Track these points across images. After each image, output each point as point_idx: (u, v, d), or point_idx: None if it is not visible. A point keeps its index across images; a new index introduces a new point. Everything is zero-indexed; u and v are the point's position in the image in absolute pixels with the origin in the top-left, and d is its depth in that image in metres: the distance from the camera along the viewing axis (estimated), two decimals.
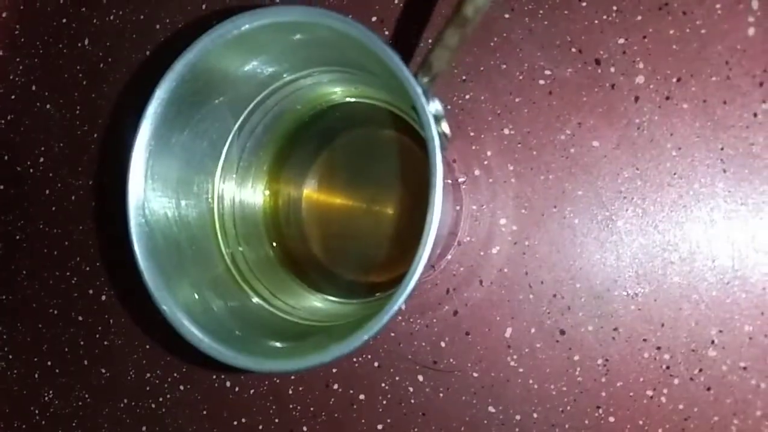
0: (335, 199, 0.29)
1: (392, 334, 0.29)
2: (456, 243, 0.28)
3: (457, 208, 0.27)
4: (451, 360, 0.28)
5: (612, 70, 0.26)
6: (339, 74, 0.24)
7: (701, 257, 0.25)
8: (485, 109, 0.28)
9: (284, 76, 0.24)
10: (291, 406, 0.30)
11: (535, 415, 0.27)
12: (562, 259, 0.27)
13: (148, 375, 0.34)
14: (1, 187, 0.37)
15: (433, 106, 0.17)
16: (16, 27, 0.37)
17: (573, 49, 0.27)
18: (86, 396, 0.35)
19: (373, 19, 0.29)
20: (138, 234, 0.21)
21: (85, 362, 0.35)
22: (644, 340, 0.26)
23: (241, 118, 0.25)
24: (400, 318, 0.29)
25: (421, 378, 0.28)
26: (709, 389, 0.25)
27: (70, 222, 0.36)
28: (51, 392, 0.36)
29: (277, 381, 0.31)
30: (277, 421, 0.31)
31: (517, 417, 0.27)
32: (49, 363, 0.36)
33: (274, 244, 0.28)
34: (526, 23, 0.27)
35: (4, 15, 0.37)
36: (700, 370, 0.25)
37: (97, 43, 0.35)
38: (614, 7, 0.26)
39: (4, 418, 0.37)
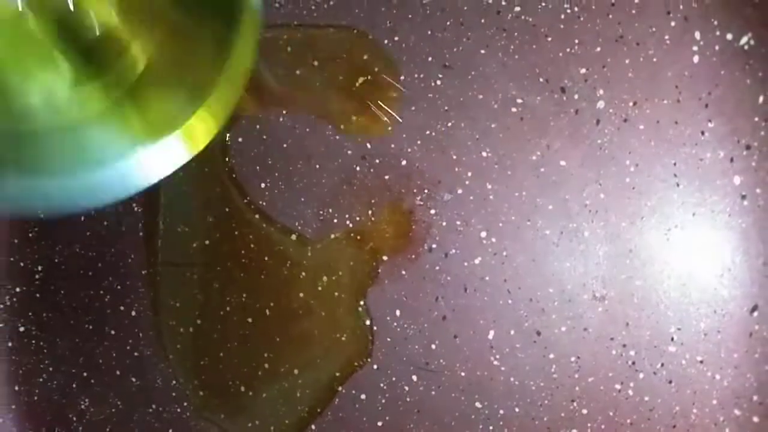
0: None
1: (388, 339, 0.32)
2: (444, 255, 0.31)
3: None
4: (441, 361, 0.31)
5: (576, 96, 0.29)
6: None
7: (659, 262, 0.28)
8: (465, 135, 0.31)
9: None
10: (299, 407, 0.34)
11: (516, 410, 0.30)
12: (536, 267, 0.30)
13: (173, 382, 0.37)
14: (42, 216, 0.41)
15: None
16: None
17: (541, 80, 0.30)
18: (119, 403, 0.39)
19: None
20: None
21: (118, 372, 0.39)
22: (611, 338, 0.28)
23: None
24: (395, 324, 0.32)
25: (415, 378, 0.31)
26: (670, 382, 0.28)
27: (103, 245, 0.40)
28: (87, 400, 0.40)
29: (286, 385, 0.34)
30: (287, 422, 0.34)
31: (501, 411, 0.30)
32: (85, 374, 0.40)
33: None
34: (500, 57, 0.31)
35: None
36: (662, 365, 0.28)
37: None
38: (576, 41, 0.29)
39: (45, 424, 0.41)
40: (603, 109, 0.29)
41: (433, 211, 0.31)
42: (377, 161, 0.33)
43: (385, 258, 0.32)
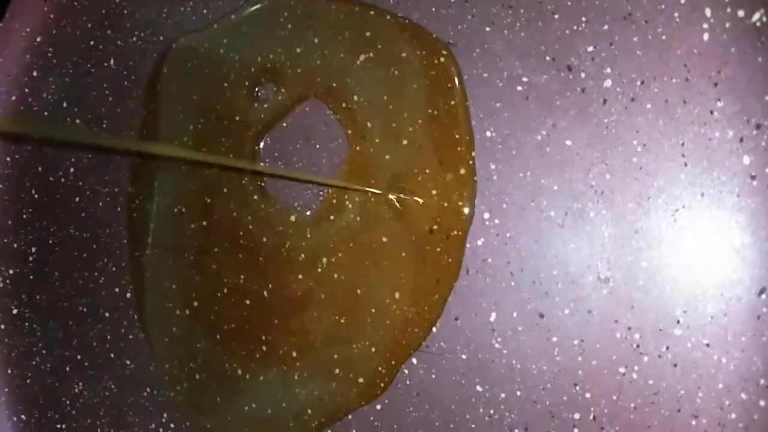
0: None
1: (388, 322, 0.31)
2: (445, 237, 0.31)
3: None
4: (442, 344, 0.30)
5: (582, 75, 0.29)
6: None
7: (666, 243, 0.27)
8: (469, 114, 0.30)
9: None
10: (296, 390, 0.33)
11: (518, 393, 0.29)
12: (540, 249, 0.29)
13: (167, 365, 0.37)
14: (36, 195, 0.41)
15: None
16: (49, 50, 0.40)
17: (547, 58, 0.29)
18: (113, 386, 0.38)
19: None
20: None
21: (112, 355, 0.38)
22: (616, 321, 0.28)
23: None
24: (395, 307, 0.31)
25: (414, 361, 0.31)
26: (675, 365, 0.27)
27: (98, 226, 0.39)
28: (80, 384, 0.39)
29: (284, 368, 0.33)
30: (284, 405, 0.33)
31: (502, 395, 0.29)
32: (78, 357, 0.40)
33: None
34: (505, 35, 0.30)
35: (38, 39, 0.40)
36: (667, 348, 0.27)
37: (121, 62, 0.39)
38: (583, 18, 0.29)
39: (38, 407, 0.40)
40: (610, 87, 0.28)
41: (434, 192, 0.31)
42: (377, 140, 0.32)
43: (384, 239, 0.32)
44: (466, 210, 0.30)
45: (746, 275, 0.26)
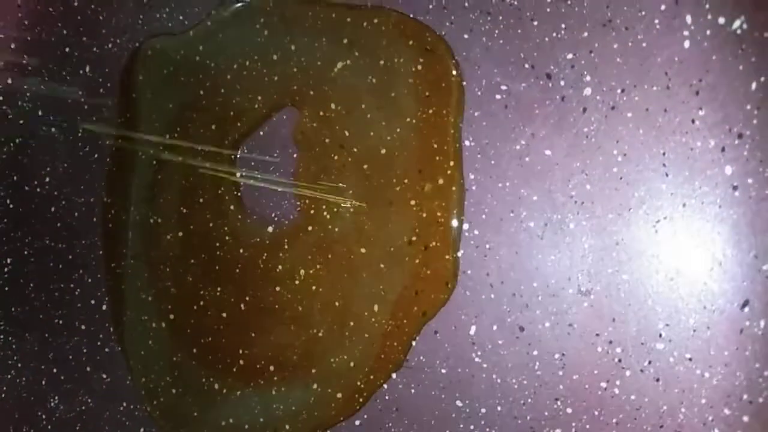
0: None
1: (366, 335, 0.31)
2: (424, 248, 0.30)
3: None
4: (422, 357, 0.30)
5: (562, 83, 0.28)
6: None
7: (647, 255, 0.27)
8: (447, 122, 0.30)
9: None
10: (274, 405, 0.32)
11: (498, 408, 0.29)
12: (519, 261, 0.28)
13: (144, 379, 0.36)
14: (11, 205, 0.40)
15: None
16: (24, 56, 0.40)
17: (526, 65, 0.29)
18: (89, 400, 0.38)
19: None
20: None
21: (88, 369, 0.38)
22: (597, 335, 0.27)
23: None
24: (374, 320, 0.31)
25: (394, 375, 0.30)
26: (658, 380, 0.26)
27: (74, 237, 0.38)
28: (56, 398, 0.39)
29: (262, 382, 0.33)
30: (261, 420, 0.33)
31: (483, 410, 0.29)
32: (54, 370, 0.39)
33: None
34: (484, 42, 0.29)
35: (13, 46, 0.40)
36: (650, 362, 0.27)
37: (97, 69, 0.38)
38: (562, 25, 0.28)
39: (13, 422, 0.39)
40: (590, 96, 0.28)
41: (413, 202, 0.30)
42: (355, 150, 0.31)
43: (363, 251, 0.31)
44: (444, 220, 0.30)
45: (729, 287, 0.26)
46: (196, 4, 0.34)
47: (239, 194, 0.34)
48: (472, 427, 0.29)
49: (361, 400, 0.31)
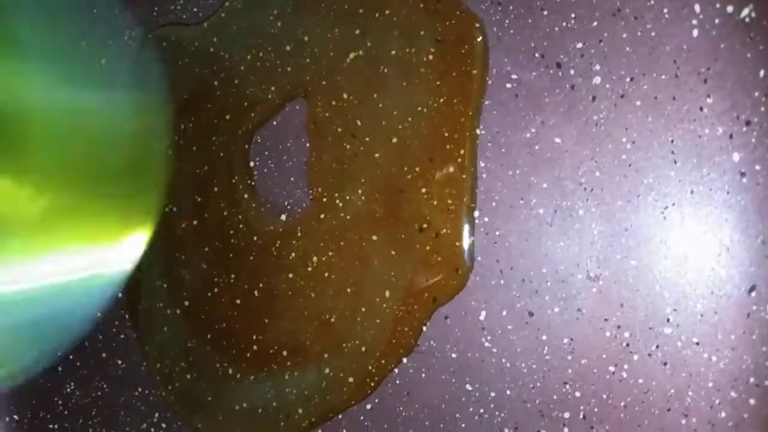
0: None
1: (378, 321, 0.31)
2: (435, 235, 0.30)
3: None
4: (432, 342, 0.30)
5: (571, 72, 0.29)
6: None
7: (655, 241, 0.27)
8: (458, 111, 0.30)
9: None
10: (287, 390, 0.33)
11: (508, 392, 0.29)
12: (529, 247, 0.29)
13: (159, 365, 0.37)
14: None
15: None
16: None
17: (536, 55, 0.29)
18: (104, 386, 0.38)
19: None
20: None
21: (104, 355, 0.38)
22: (605, 319, 0.28)
23: None
24: (385, 306, 0.31)
25: (405, 360, 0.31)
26: (665, 364, 0.27)
27: None
28: (72, 384, 0.39)
29: (275, 367, 0.33)
30: (274, 404, 0.33)
31: (492, 394, 0.29)
32: (70, 357, 0.39)
33: None
34: (494, 32, 0.30)
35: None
36: (657, 347, 0.27)
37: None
38: (572, 15, 0.29)
39: (30, 408, 0.40)
40: (599, 84, 0.28)
41: (424, 190, 0.31)
42: (367, 139, 0.32)
43: (374, 238, 0.32)
44: (455, 208, 0.30)
45: (736, 273, 0.26)
46: None
47: (253, 183, 0.34)
48: (481, 410, 0.29)
49: (372, 384, 0.31)
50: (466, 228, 0.30)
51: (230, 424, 0.34)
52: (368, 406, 0.31)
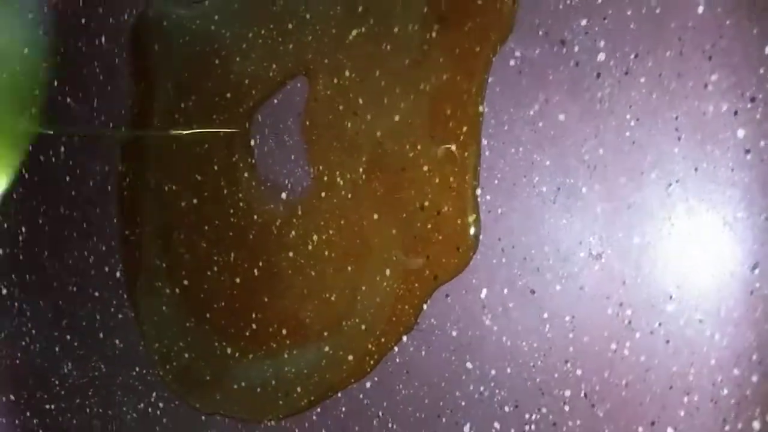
0: None
1: (378, 300, 0.31)
2: (436, 213, 0.30)
3: None
4: (432, 320, 0.30)
5: (576, 49, 0.28)
6: None
7: (659, 218, 0.27)
8: (460, 88, 0.30)
9: None
10: (286, 368, 0.33)
11: (508, 370, 0.29)
12: (531, 225, 0.29)
13: (157, 345, 0.36)
14: (26, 174, 0.40)
15: None
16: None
17: (540, 32, 0.29)
18: (102, 366, 0.38)
19: None
20: None
21: (101, 335, 0.38)
22: (607, 297, 0.28)
23: None
24: (385, 284, 0.31)
25: (404, 338, 0.31)
26: (668, 342, 0.27)
27: (88, 205, 0.39)
28: (70, 364, 0.39)
29: (274, 346, 0.33)
30: (273, 383, 0.33)
31: (492, 372, 0.29)
32: (68, 337, 0.39)
33: None
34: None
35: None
36: (660, 324, 0.27)
37: (112, 40, 0.38)
38: None
39: (27, 388, 0.40)
40: (603, 61, 0.28)
41: (426, 168, 0.30)
42: (368, 117, 0.32)
43: (375, 217, 0.31)
44: (457, 186, 0.30)
45: (739, 250, 0.26)
46: None
47: (253, 161, 0.34)
48: (482, 388, 0.29)
49: (372, 362, 0.31)
50: (468, 206, 0.30)
51: (229, 403, 0.34)
52: (368, 385, 0.31)
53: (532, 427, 0.29)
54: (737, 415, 0.26)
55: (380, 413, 0.31)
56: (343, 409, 0.32)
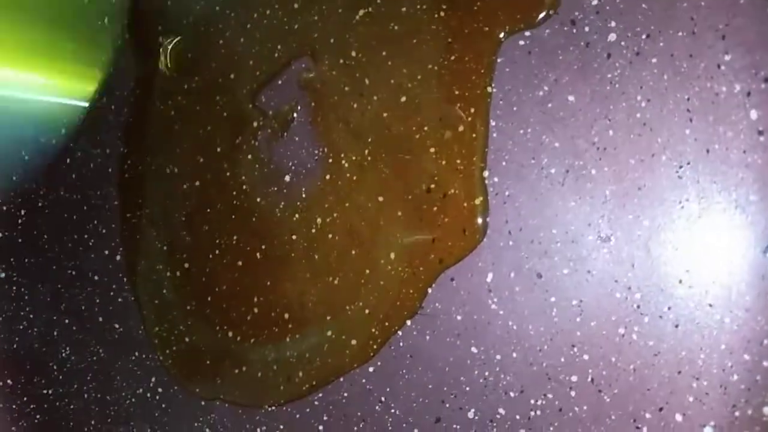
0: None
1: (382, 283, 0.31)
2: (442, 195, 0.30)
3: None
4: (437, 305, 0.30)
5: (586, 29, 0.28)
6: None
7: (669, 201, 0.27)
8: (470, 69, 0.30)
9: None
10: (288, 353, 0.32)
11: (514, 355, 0.28)
12: (539, 207, 0.28)
13: (157, 329, 0.36)
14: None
15: None
16: None
17: (550, 11, 0.28)
18: (100, 351, 0.38)
19: None
20: None
21: (100, 319, 0.38)
22: (616, 281, 0.27)
23: None
24: (390, 267, 0.31)
25: (408, 322, 0.30)
26: (677, 326, 0.26)
27: (89, 188, 0.38)
28: (68, 348, 0.39)
29: (276, 330, 0.33)
30: (275, 368, 0.33)
31: (498, 357, 0.29)
32: (66, 321, 0.39)
33: None
34: None
35: None
36: (669, 308, 0.26)
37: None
38: None
39: (25, 373, 0.40)
40: (614, 42, 0.27)
41: (432, 150, 0.30)
42: (375, 98, 0.31)
43: (380, 199, 0.31)
44: (464, 168, 0.29)
45: (751, 233, 0.25)
46: None
47: (257, 143, 0.34)
48: (486, 373, 0.29)
49: (375, 347, 0.31)
50: (475, 189, 0.29)
51: (229, 388, 0.34)
52: (371, 369, 0.31)
53: (538, 412, 0.28)
54: (747, 401, 0.25)
55: (383, 398, 0.31)
56: (345, 394, 0.31)
